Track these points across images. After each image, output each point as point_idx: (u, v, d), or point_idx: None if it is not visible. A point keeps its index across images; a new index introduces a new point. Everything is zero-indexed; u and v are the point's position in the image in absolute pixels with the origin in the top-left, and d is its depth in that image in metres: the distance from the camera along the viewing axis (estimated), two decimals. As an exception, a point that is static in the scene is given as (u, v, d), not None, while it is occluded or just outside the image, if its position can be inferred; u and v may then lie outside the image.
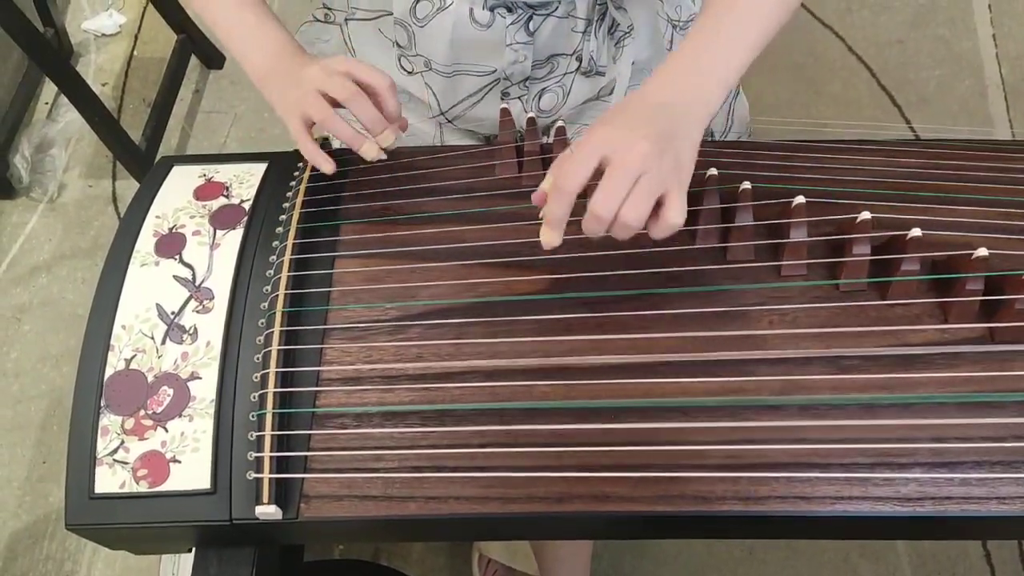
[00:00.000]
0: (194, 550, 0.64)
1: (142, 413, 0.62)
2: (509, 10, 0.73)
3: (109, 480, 0.60)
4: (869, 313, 0.63)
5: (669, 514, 0.57)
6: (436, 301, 0.65)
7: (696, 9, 0.85)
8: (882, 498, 0.56)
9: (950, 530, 0.63)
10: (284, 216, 0.70)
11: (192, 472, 0.60)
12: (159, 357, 0.63)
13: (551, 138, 0.73)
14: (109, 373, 0.63)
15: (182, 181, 0.74)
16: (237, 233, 0.70)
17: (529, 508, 0.58)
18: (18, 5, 1.28)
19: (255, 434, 0.60)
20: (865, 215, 0.62)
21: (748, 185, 0.64)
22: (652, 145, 0.54)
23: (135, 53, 1.81)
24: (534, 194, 0.60)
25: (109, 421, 0.61)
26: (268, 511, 0.57)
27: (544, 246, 0.58)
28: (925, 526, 0.59)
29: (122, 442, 0.61)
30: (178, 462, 0.60)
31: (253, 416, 0.61)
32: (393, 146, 0.70)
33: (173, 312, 0.65)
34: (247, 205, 0.71)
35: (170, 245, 0.69)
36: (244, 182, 0.74)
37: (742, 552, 1.24)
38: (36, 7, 1.63)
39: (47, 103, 1.73)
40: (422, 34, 0.75)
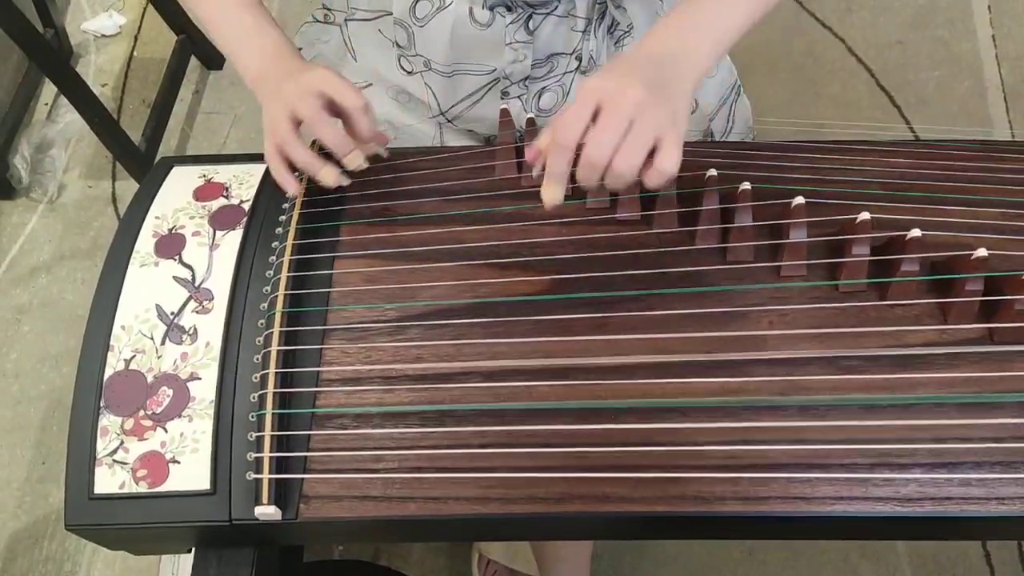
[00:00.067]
0: (194, 550, 0.64)
1: (141, 413, 0.62)
2: (509, 9, 0.73)
3: (109, 481, 0.60)
4: (869, 314, 0.63)
5: (669, 514, 0.57)
6: (436, 302, 0.65)
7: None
8: (882, 498, 0.56)
9: (950, 530, 0.63)
10: (284, 216, 0.70)
11: (191, 472, 0.60)
12: (159, 357, 0.63)
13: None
14: (109, 373, 0.63)
15: (182, 182, 0.74)
16: (237, 234, 0.70)
17: (529, 508, 0.58)
18: (18, 6, 1.28)
19: (255, 435, 0.60)
20: (865, 215, 0.62)
21: (748, 186, 0.64)
22: (644, 92, 0.54)
23: (135, 54, 1.81)
24: (527, 151, 0.59)
25: (109, 422, 0.61)
26: (267, 511, 0.57)
27: (546, 203, 0.58)
28: (925, 526, 0.59)
29: (121, 442, 0.61)
30: (177, 463, 0.60)
31: (253, 416, 0.61)
32: (363, 166, 0.68)
33: (173, 313, 0.65)
34: (247, 206, 0.71)
35: (170, 246, 0.69)
36: (244, 183, 0.74)
37: (742, 553, 1.24)
38: (36, 8, 1.63)
39: (47, 104, 1.73)
40: (422, 34, 0.75)
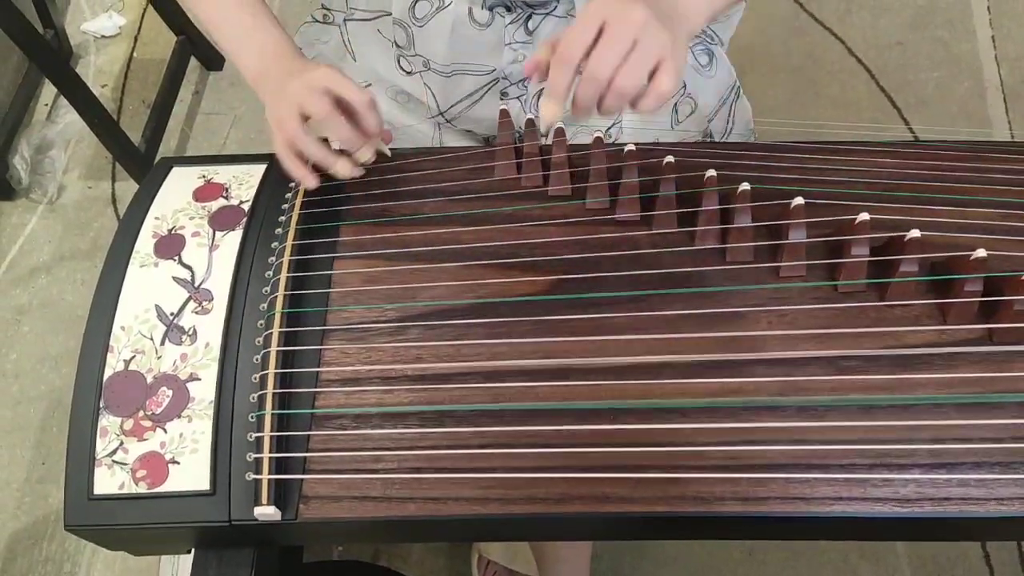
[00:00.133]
0: (193, 551, 0.64)
1: (141, 414, 0.62)
2: (508, 9, 0.73)
3: (108, 481, 0.60)
4: (868, 314, 0.63)
5: (669, 515, 0.57)
6: (435, 302, 0.65)
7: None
8: (881, 499, 0.56)
9: (949, 531, 0.63)
10: (283, 217, 0.70)
11: (191, 473, 0.60)
12: (158, 358, 0.63)
13: (549, 139, 0.73)
14: (108, 374, 0.63)
15: (181, 182, 0.75)
16: (236, 234, 0.70)
17: (529, 509, 0.58)
18: (18, 7, 1.28)
19: (254, 435, 0.60)
20: (864, 216, 0.62)
21: (747, 186, 0.65)
22: (649, 14, 0.55)
23: (135, 55, 1.81)
24: (526, 63, 0.58)
25: (108, 422, 0.61)
26: (267, 512, 0.57)
27: (545, 120, 0.58)
28: (924, 527, 0.59)
29: (121, 443, 0.61)
30: (177, 463, 0.60)
31: (252, 417, 0.61)
32: (372, 159, 0.70)
33: (172, 313, 0.65)
34: (246, 206, 0.71)
35: (169, 246, 0.69)
36: (243, 183, 0.74)
37: (742, 553, 1.24)
38: (36, 9, 1.63)
39: (47, 104, 1.73)
40: (421, 34, 0.75)
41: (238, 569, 0.62)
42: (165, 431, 0.61)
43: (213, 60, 1.77)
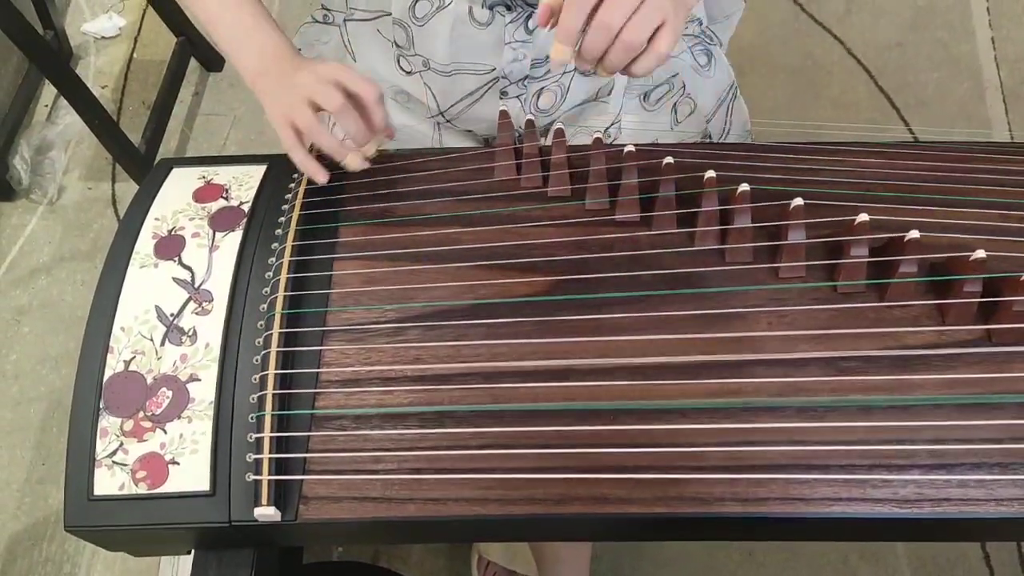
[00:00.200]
0: (193, 552, 0.64)
1: (141, 415, 0.62)
2: (509, 8, 0.73)
3: (108, 482, 0.60)
4: (867, 315, 0.63)
5: (668, 515, 0.57)
6: (435, 303, 0.65)
7: (696, 10, 0.86)
8: (880, 500, 0.56)
9: (949, 532, 0.63)
10: (283, 218, 0.70)
11: (191, 474, 0.60)
12: (158, 359, 0.64)
13: (549, 140, 0.73)
14: (108, 375, 0.63)
15: (181, 183, 0.75)
16: (236, 235, 0.70)
17: (528, 509, 0.58)
18: (18, 7, 1.29)
19: (254, 436, 0.60)
20: (863, 217, 0.62)
21: (747, 187, 0.65)
22: None
23: (135, 56, 1.81)
24: (539, 10, 0.60)
25: (108, 423, 0.62)
26: (267, 513, 0.57)
27: (555, 63, 0.59)
28: (924, 528, 0.59)
29: (121, 444, 0.61)
30: (177, 464, 0.60)
31: (252, 418, 0.61)
32: (374, 154, 0.71)
33: (172, 314, 0.65)
34: (246, 207, 0.72)
35: (169, 247, 0.69)
36: (243, 184, 0.74)
37: (741, 554, 1.24)
38: (36, 10, 1.63)
39: (47, 105, 1.73)
40: (421, 33, 0.75)
41: (238, 570, 0.62)
42: (165, 432, 0.61)
43: (213, 61, 1.77)
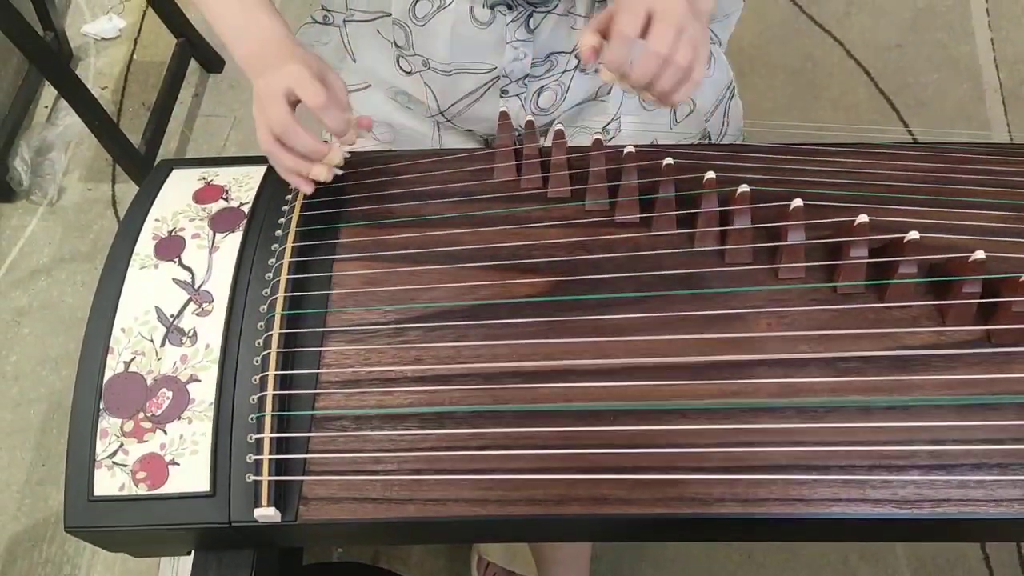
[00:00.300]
0: (193, 553, 0.64)
1: (141, 415, 0.62)
2: (510, 8, 0.73)
3: (108, 483, 0.60)
4: (867, 315, 0.63)
5: (667, 516, 0.57)
6: (435, 304, 0.65)
7: None
8: (880, 500, 0.57)
9: (948, 532, 0.63)
10: (283, 219, 0.70)
11: (191, 474, 0.60)
12: (158, 360, 0.64)
13: (549, 141, 0.73)
14: (108, 376, 0.63)
15: (181, 184, 0.75)
16: (236, 236, 0.70)
17: (528, 510, 0.58)
18: (18, 9, 1.29)
19: (254, 436, 0.60)
20: (863, 218, 0.62)
21: (746, 188, 0.65)
22: (688, 8, 0.60)
23: (135, 57, 1.81)
24: (585, 51, 0.63)
25: (108, 424, 0.62)
26: (267, 513, 0.57)
27: (604, 81, 0.63)
28: (923, 528, 0.59)
29: (121, 444, 0.61)
30: (177, 464, 0.60)
31: (252, 418, 0.61)
32: (340, 162, 0.70)
33: (172, 315, 0.65)
34: (246, 208, 0.72)
35: (169, 248, 0.69)
36: (243, 185, 0.74)
37: (741, 555, 1.24)
38: (36, 11, 1.63)
39: (47, 107, 1.73)
40: (421, 33, 0.75)
41: (238, 571, 0.62)
42: (165, 432, 0.61)
43: (213, 62, 1.77)
